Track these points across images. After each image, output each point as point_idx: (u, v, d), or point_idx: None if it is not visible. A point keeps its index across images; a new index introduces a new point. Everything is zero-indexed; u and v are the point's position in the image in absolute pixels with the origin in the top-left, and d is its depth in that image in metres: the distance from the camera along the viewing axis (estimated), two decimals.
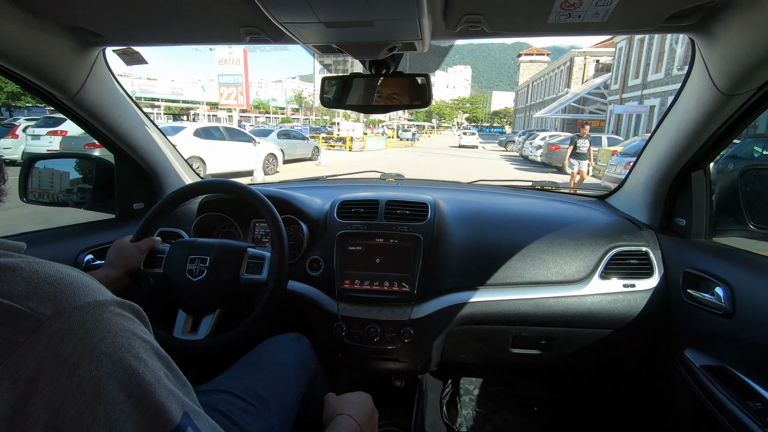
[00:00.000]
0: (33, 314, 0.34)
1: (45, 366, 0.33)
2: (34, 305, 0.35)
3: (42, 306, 0.35)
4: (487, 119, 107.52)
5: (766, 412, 0.78)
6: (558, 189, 1.73)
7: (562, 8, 0.78)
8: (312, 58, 7.44)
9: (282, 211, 1.12)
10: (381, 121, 50.25)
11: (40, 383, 0.32)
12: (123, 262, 0.98)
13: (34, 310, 0.34)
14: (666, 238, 1.20)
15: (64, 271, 0.39)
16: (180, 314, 1.03)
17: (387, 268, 1.17)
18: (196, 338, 0.99)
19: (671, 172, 1.16)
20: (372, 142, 22.00)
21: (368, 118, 49.48)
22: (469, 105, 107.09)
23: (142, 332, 0.40)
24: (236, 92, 22.71)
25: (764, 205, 1.06)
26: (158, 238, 1.08)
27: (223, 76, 22.83)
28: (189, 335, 1.00)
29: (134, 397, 0.35)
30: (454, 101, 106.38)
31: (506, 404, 1.68)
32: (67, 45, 1.01)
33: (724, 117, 0.97)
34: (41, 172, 1.32)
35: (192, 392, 0.43)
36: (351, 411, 0.73)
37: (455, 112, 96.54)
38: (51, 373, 0.33)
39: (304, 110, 61.51)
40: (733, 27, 0.79)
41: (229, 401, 0.81)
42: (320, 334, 1.21)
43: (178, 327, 1.01)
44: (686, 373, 1.00)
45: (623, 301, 1.15)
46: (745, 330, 0.88)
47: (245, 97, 22.91)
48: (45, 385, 0.32)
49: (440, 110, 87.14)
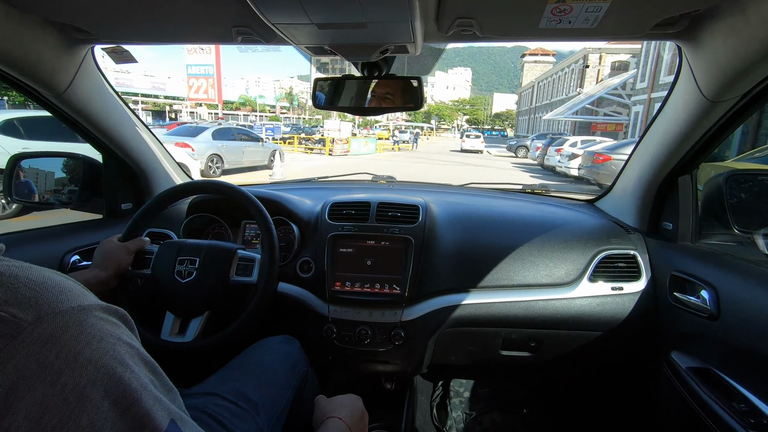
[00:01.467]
0: (13, 320, 0.32)
1: (26, 374, 0.31)
2: (14, 311, 0.33)
3: (23, 311, 0.33)
4: (489, 121, 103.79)
5: (749, 413, 0.79)
6: (548, 192, 1.75)
7: (553, 14, 0.78)
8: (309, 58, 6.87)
9: (273, 212, 1.11)
10: (377, 122, 48.18)
11: (21, 392, 0.31)
12: (111, 263, 0.97)
13: (14, 315, 0.33)
14: (653, 241, 1.22)
15: (46, 274, 0.38)
16: (168, 316, 1.01)
17: (378, 270, 1.17)
18: (184, 340, 0.97)
19: (659, 177, 1.18)
20: (358, 145, 18.98)
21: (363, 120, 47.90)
22: (470, 106, 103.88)
23: (127, 337, 0.39)
24: (206, 85, 20.17)
25: (748, 209, 1.08)
26: (147, 239, 1.07)
27: (192, 66, 20.12)
28: (177, 337, 0.99)
29: (119, 405, 0.34)
30: (454, 102, 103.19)
31: (496, 406, 1.69)
32: (54, 42, 0.99)
33: (710, 123, 0.98)
34: (27, 172, 1.29)
35: (179, 398, 0.42)
36: (341, 413, 0.73)
37: (455, 113, 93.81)
38: (32, 381, 0.31)
39: (295, 108, 59.18)
40: (718, 35, 0.81)
41: (218, 404, 0.80)
42: (310, 336, 1.20)
43: (166, 329, 1.00)
44: (673, 375, 1.01)
45: (611, 304, 1.16)
46: (730, 332, 0.90)
47: (216, 91, 20.44)
48: (26, 394, 0.31)
49: (440, 111, 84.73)
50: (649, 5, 0.77)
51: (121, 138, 1.30)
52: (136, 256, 1.03)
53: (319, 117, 59.43)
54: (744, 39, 0.76)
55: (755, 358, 0.83)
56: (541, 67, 62.94)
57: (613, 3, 0.74)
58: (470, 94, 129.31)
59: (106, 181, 1.36)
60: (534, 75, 60.52)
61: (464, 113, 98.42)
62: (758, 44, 0.74)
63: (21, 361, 0.31)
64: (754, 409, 0.79)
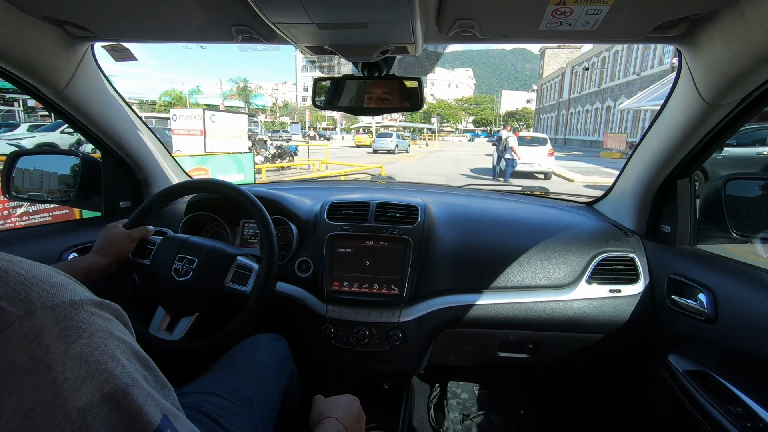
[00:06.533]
0: (2, 313, 0.32)
1: (15, 368, 0.31)
2: (3, 304, 0.33)
3: (12, 305, 0.33)
4: (500, 122, 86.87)
5: (746, 417, 0.79)
6: (547, 194, 1.75)
7: (553, 16, 0.79)
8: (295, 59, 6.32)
9: (272, 211, 1.11)
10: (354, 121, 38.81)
11: (10, 386, 0.30)
12: (113, 250, 0.98)
13: (3, 309, 0.32)
14: (652, 244, 1.22)
15: (37, 269, 0.37)
16: (159, 310, 1.01)
17: (376, 270, 1.17)
18: (170, 339, 0.98)
19: (657, 180, 1.18)
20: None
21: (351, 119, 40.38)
22: (476, 105, 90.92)
23: (120, 332, 0.39)
24: None
25: (746, 213, 1.08)
26: (151, 228, 1.07)
27: None
28: (164, 334, 0.99)
29: (111, 400, 0.34)
30: (458, 101, 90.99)
31: (493, 407, 1.69)
32: (53, 39, 0.99)
33: (709, 126, 0.99)
34: (25, 169, 1.29)
35: (173, 394, 0.42)
36: (338, 413, 0.73)
37: (460, 113, 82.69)
38: (21, 375, 0.31)
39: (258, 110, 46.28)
40: (717, 39, 0.81)
41: (212, 402, 0.81)
42: (308, 335, 1.20)
43: (155, 323, 1.00)
44: (670, 378, 1.01)
45: (609, 306, 1.16)
46: (727, 336, 0.90)
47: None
48: (15, 388, 0.30)
49: (442, 110, 75.19)
50: (650, 8, 0.78)
51: (120, 136, 1.30)
52: (138, 244, 1.04)
53: (285, 120, 50.87)
54: (743, 43, 0.76)
55: (752, 362, 0.83)
56: (565, 53, 49.72)
57: (613, 6, 0.74)
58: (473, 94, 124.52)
59: (104, 179, 1.36)
60: (557, 64, 48.93)
61: (470, 113, 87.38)
62: (757, 48, 0.74)
63: (10, 354, 0.31)
64: (750, 412, 0.79)
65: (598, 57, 32.96)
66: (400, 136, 23.80)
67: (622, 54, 28.69)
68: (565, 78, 42.01)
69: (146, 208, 1.07)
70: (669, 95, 1.08)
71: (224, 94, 45.04)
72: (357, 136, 29.09)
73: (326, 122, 58.52)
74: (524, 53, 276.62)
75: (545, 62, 54.87)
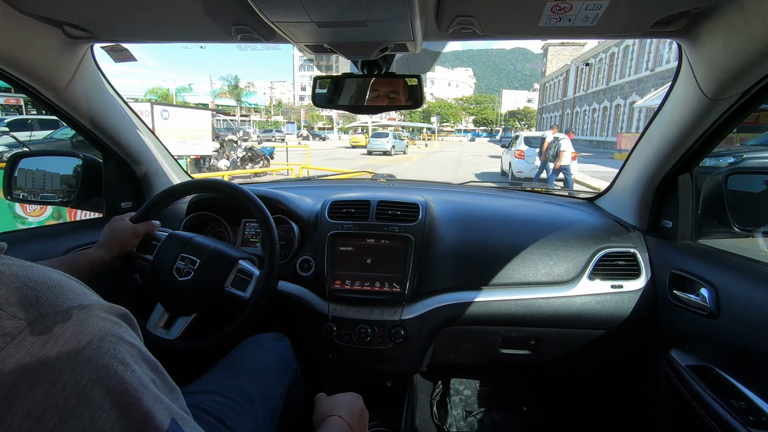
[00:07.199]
0: (13, 319, 0.33)
1: (26, 373, 0.31)
2: (14, 309, 0.33)
3: (23, 310, 0.33)
4: (502, 121, 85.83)
5: (749, 411, 0.79)
6: (547, 190, 1.75)
7: (552, 12, 0.78)
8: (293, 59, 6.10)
9: (273, 210, 1.11)
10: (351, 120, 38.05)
11: (22, 391, 0.31)
12: (118, 244, 0.98)
13: (14, 314, 0.33)
14: (653, 239, 1.22)
15: (47, 274, 0.38)
16: (158, 307, 1.02)
17: (378, 268, 1.17)
18: (166, 337, 0.98)
19: (658, 175, 1.18)
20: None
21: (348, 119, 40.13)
22: (476, 105, 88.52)
23: (129, 336, 0.39)
24: None
25: (748, 208, 1.08)
26: (158, 223, 1.07)
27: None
28: (161, 331, 0.99)
29: (120, 404, 0.34)
30: (458, 100, 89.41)
31: (496, 404, 1.69)
32: (53, 40, 0.99)
33: (710, 121, 0.98)
34: (27, 170, 1.29)
35: (181, 397, 0.42)
36: (341, 412, 0.73)
37: (460, 112, 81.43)
38: (33, 380, 0.31)
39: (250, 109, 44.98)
40: (717, 33, 0.81)
41: (216, 401, 0.81)
42: (310, 334, 1.21)
43: (153, 320, 1.01)
44: (672, 373, 1.01)
45: (611, 302, 1.16)
46: (729, 331, 0.90)
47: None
48: (27, 393, 0.31)
49: (442, 110, 74.28)
50: (649, 3, 0.77)
51: (120, 137, 1.30)
52: (143, 239, 1.04)
53: (278, 119, 48.99)
54: (744, 37, 0.76)
55: (755, 356, 0.83)
56: (569, 51, 49.17)
57: (612, 1, 0.74)
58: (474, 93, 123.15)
59: (105, 179, 1.36)
60: (561, 61, 48.17)
61: (470, 113, 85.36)
62: (758, 42, 0.74)
63: (21, 359, 0.31)
64: (753, 407, 0.79)
65: (606, 53, 31.34)
66: (397, 136, 23.01)
67: (632, 49, 26.89)
68: (570, 76, 40.61)
69: (154, 203, 1.07)
70: (669, 90, 1.08)
71: (215, 92, 43.73)
72: (353, 136, 28.24)
73: (323, 122, 57.92)
74: (524, 53, 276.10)
75: (548, 60, 53.89)
